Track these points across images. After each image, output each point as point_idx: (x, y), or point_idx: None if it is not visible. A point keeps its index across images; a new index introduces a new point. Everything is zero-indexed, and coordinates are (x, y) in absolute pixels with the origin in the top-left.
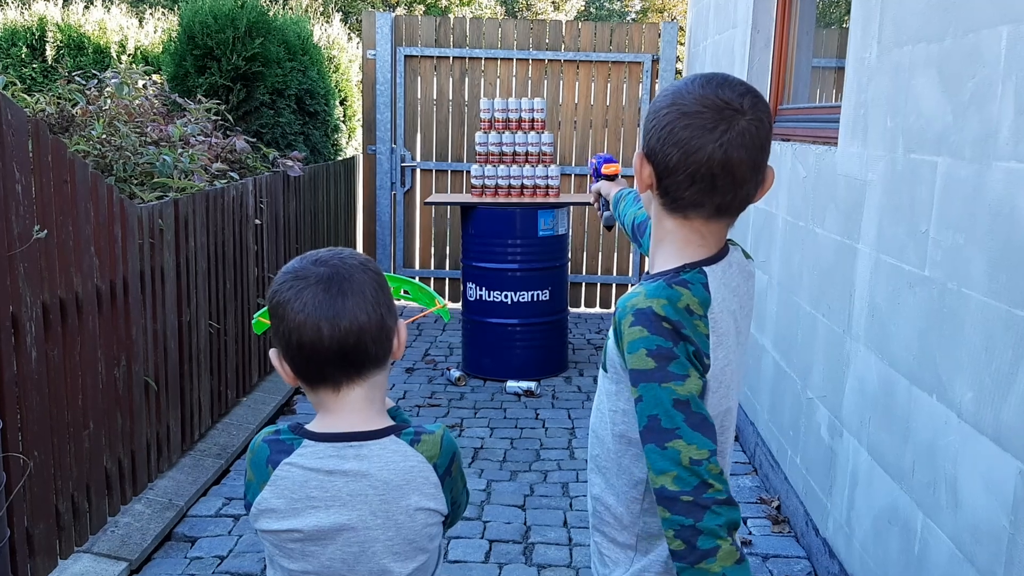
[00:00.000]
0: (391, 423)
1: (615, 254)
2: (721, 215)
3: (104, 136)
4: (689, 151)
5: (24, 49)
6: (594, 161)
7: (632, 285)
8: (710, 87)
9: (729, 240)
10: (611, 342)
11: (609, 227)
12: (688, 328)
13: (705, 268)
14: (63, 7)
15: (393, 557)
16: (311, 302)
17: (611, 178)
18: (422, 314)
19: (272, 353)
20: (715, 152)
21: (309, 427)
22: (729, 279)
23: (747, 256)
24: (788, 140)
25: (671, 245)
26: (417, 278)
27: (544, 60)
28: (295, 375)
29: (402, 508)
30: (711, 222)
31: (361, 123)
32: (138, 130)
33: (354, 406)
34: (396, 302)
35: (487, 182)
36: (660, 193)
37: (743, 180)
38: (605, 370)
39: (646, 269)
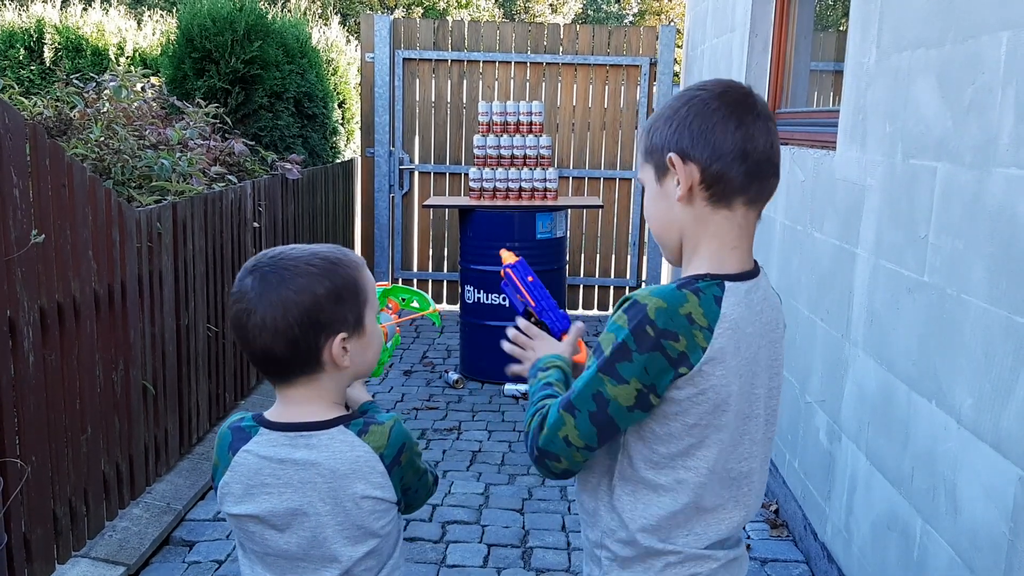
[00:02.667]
0: (342, 413)
1: (613, 256)
2: (759, 199)
3: (102, 139)
4: (735, 128)
5: (22, 51)
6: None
7: (629, 288)
8: (711, 84)
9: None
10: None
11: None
12: (677, 338)
13: (727, 283)
14: (61, 9)
15: (344, 541)
16: (234, 314)
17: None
18: (409, 317)
19: None
20: (759, 127)
21: (267, 415)
22: (753, 302)
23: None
24: (786, 144)
25: (705, 251)
26: (415, 280)
27: (542, 63)
28: None
29: (349, 496)
30: (750, 209)
31: (359, 126)
32: (136, 133)
33: (299, 401)
34: (392, 319)
35: (485, 185)
36: (707, 185)
37: (778, 159)
38: None
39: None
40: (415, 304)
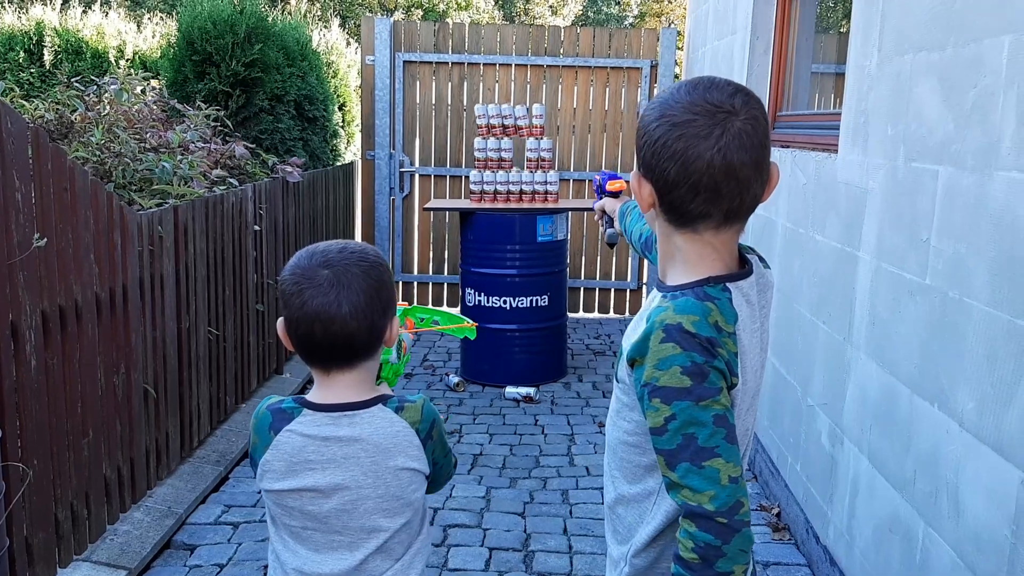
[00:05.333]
0: (378, 394)
1: (614, 259)
2: (730, 222)
3: (103, 142)
4: (687, 161)
5: (22, 54)
6: (598, 178)
7: (630, 291)
8: (697, 92)
9: (749, 248)
10: (624, 357)
11: (612, 244)
12: (720, 344)
13: (729, 284)
14: (61, 12)
15: (383, 513)
16: (310, 303)
17: (616, 195)
18: (442, 327)
19: (279, 322)
20: (714, 158)
21: (310, 399)
22: (751, 296)
23: (764, 264)
24: (787, 146)
25: (683, 262)
26: (415, 283)
27: (543, 65)
28: (295, 349)
29: (389, 468)
30: (721, 231)
31: (360, 128)
32: (137, 136)
33: (344, 385)
34: (419, 330)
35: (486, 188)
36: (665, 210)
37: (748, 182)
38: (618, 381)
39: (658, 278)
40: (436, 321)
